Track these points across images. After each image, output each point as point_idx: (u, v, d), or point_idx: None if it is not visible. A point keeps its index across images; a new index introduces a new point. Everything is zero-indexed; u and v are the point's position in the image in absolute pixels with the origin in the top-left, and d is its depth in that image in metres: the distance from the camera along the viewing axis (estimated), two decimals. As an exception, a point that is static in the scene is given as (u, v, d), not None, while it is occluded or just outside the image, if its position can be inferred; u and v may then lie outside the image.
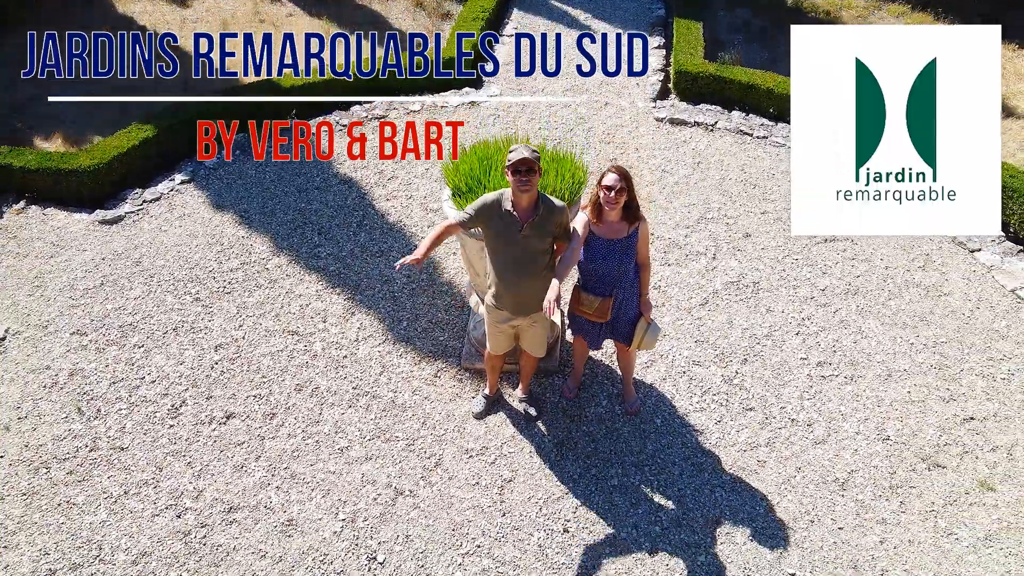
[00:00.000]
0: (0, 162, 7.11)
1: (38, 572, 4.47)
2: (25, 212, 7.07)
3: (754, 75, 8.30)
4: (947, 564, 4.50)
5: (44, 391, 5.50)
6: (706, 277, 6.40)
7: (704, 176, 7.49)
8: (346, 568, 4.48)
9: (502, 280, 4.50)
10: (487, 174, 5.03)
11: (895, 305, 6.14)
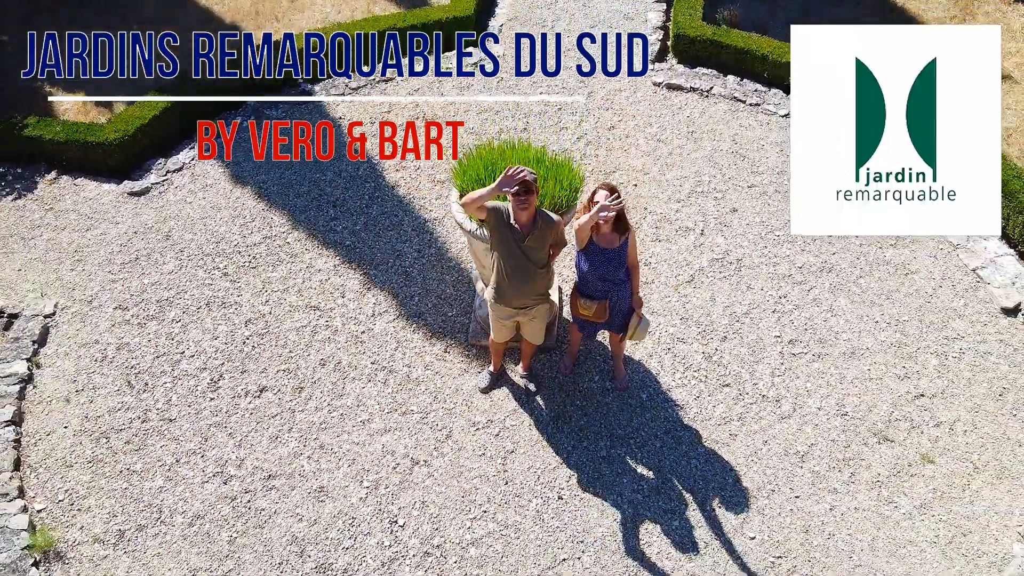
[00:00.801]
0: (30, 134, 7.49)
1: (109, 532, 5.25)
2: (57, 182, 7.53)
3: (750, 40, 8.55)
4: (885, 529, 5.27)
5: (96, 364, 6.15)
6: (693, 254, 6.94)
7: (697, 146, 7.90)
8: (372, 530, 5.25)
9: (505, 281, 5.07)
10: (492, 178, 5.49)
11: (865, 283, 6.71)
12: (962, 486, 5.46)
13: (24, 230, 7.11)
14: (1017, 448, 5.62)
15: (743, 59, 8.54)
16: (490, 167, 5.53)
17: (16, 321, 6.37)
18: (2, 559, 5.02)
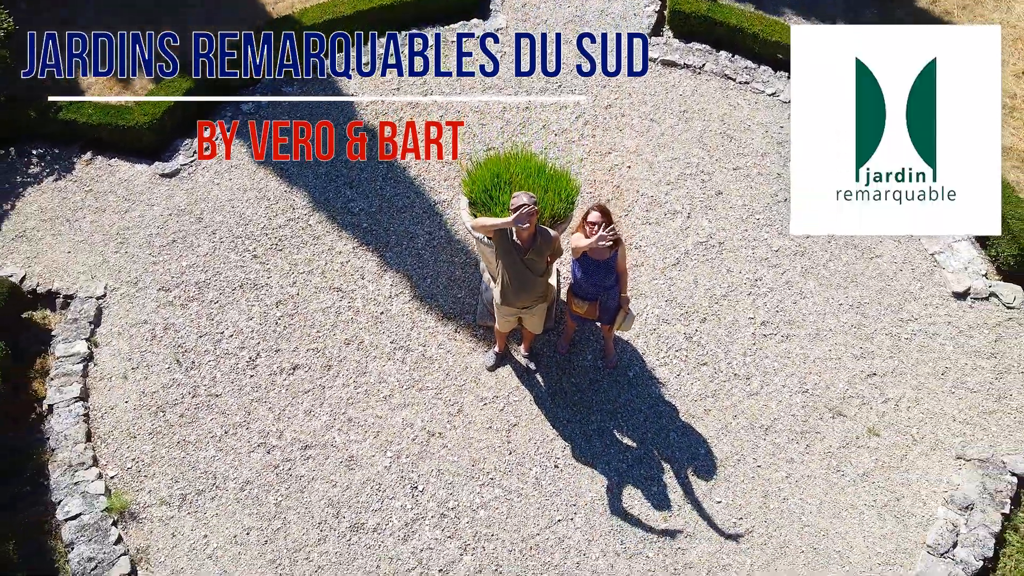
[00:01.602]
0: (64, 117, 8.04)
1: (173, 496, 6.19)
2: (92, 162, 8.12)
3: (743, 17, 8.93)
4: (831, 494, 6.21)
5: (146, 344, 6.95)
6: (680, 237, 7.64)
7: (688, 127, 8.46)
8: (396, 495, 6.19)
9: (508, 287, 5.82)
10: (498, 188, 6.15)
11: (833, 266, 7.44)
12: (900, 456, 6.37)
13: (68, 212, 7.76)
14: (951, 423, 6.50)
15: (736, 36, 8.95)
16: (495, 178, 6.15)
17: (72, 303, 7.13)
18: (87, 520, 5.96)
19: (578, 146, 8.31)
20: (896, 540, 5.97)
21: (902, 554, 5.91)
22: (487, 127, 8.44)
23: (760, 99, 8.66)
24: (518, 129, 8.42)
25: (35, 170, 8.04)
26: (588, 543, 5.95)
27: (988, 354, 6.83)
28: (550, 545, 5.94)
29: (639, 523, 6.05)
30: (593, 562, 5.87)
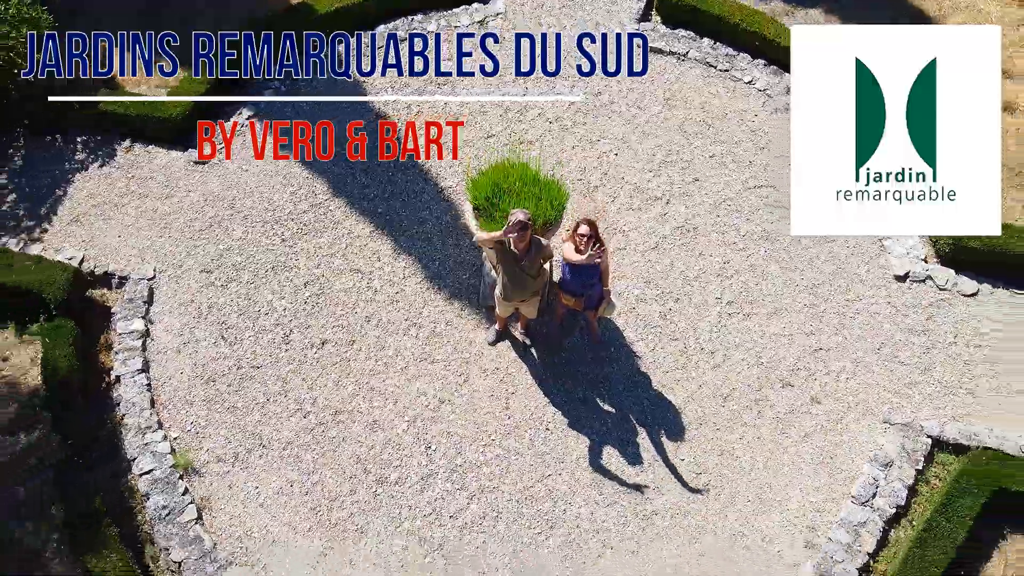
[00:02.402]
0: (105, 108, 8.88)
1: (227, 454, 7.42)
2: (132, 150, 9.01)
3: (724, 7, 9.62)
4: (776, 453, 7.45)
5: (194, 321, 8.05)
6: (659, 222, 8.63)
7: (671, 114, 9.30)
8: (413, 453, 7.43)
9: (508, 286, 6.89)
10: (499, 196, 7.12)
11: (793, 250, 8.46)
12: (837, 421, 7.57)
13: (115, 197, 8.71)
14: (882, 392, 7.69)
15: (719, 24, 9.66)
16: (495, 187, 7.12)
17: (126, 283, 8.18)
18: (158, 474, 7.22)
19: (570, 133, 9.18)
20: (827, 491, 7.24)
21: (830, 503, 7.19)
22: (488, 114, 9.28)
23: (738, 87, 9.47)
24: (516, 117, 9.26)
25: (80, 156, 8.93)
26: (573, 494, 7.23)
27: (920, 331, 7.94)
28: (541, 496, 7.21)
29: (615, 477, 7.30)
30: (576, 509, 7.15)
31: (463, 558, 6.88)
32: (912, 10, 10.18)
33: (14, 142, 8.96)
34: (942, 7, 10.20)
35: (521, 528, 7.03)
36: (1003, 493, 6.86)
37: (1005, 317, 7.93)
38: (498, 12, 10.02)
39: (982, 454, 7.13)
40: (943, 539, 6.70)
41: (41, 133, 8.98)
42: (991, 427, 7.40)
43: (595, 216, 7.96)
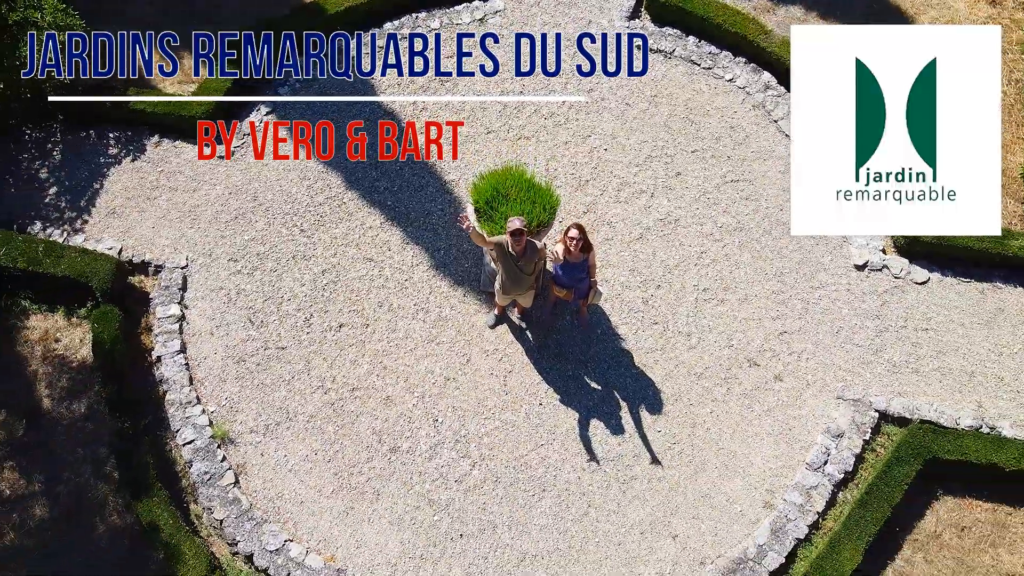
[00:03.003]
0: (135, 107, 9.65)
1: (259, 426, 8.43)
2: (160, 145, 9.81)
3: (708, 7, 10.30)
4: (742, 425, 8.47)
5: (224, 306, 8.99)
6: (643, 214, 9.50)
7: (656, 111, 10.08)
8: (422, 426, 8.44)
9: (506, 283, 7.81)
10: (496, 200, 7.99)
11: (764, 240, 9.35)
12: (796, 397, 8.57)
13: (147, 190, 9.54)
14: (838, 371, 8.67)
15: (703, 24, 10.35)
16: (494, 191, 7.97)
17: (162, 272, 9.08)
18: (199, 444, 8.24)
19: (564, 129, 9.97)
20: (784, 459, 8.29)
21: (787, 469, 8.24)
22: (488, 110, 10.05)
23: (719, 84, 10.22)
24: (514, 113, 10.03)
25: (113, 151, 9.74)
26: (562, 461, 8.27)
27: (874, 315, 8.89)
28: (534, 463, 8.25)
29: (600, 447, 8.34)
30: (566, 475, 8.21)
31: (467, 517, 7.95)
32: (886, 6, 10.83)
33: (51, 137, 9.74)
34: (915, 3, 10.86)
35: (517, 491, 8.08)
36: (935, 461, 7.89)
37: (951, 303, 8.86)
38: (497, 9, 10.68)
39: (920, 426, 8.13)
40: (881, 500, 7.76)
41: (76, 129, 9.72)
42: (932, 402, 8.40)
43: (584, 221, 8.82)
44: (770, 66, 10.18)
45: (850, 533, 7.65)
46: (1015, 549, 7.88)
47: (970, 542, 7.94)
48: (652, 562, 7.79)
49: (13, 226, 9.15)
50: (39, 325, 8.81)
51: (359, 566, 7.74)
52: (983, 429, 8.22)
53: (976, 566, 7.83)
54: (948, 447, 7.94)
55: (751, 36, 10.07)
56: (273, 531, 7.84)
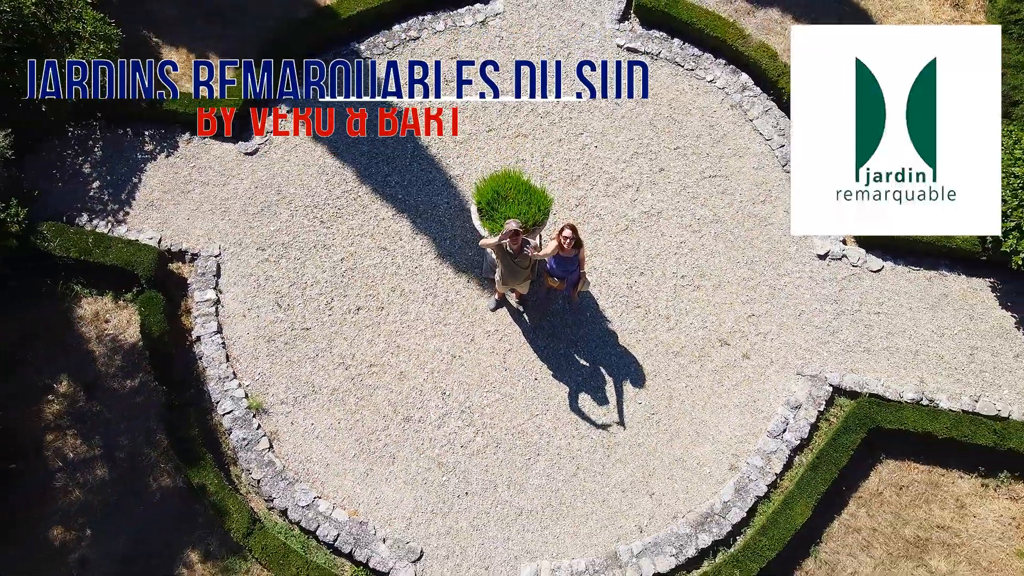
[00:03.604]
0: (169, 108, 10.61)
1: (288, 398, 9.61)
2: (191, 142, 10.80)
3: (692, 13, 11.18)
4: (712, 398, 9.65)
5: (254, 291, 10.10)
6: (629, 207, 10.55)
7: (643, 110, 11.04)
8: (431, 398, 9.62)
9: (505, 275, 8.91)
10: (497, 201, 9.03)
11: (737, 231, 10.42)
12: (761, 373, 9.75)
13: (181, 184, 10.56)
14: (798, 350, 9.83)
15: (686, 28, 11.24)
16: (495, 193, 9.01)
17: (198, 259, 10.16)
18: (237, 414, 9.44)
19: (558, 127, 10.95)
20: (748, 427, 9.49)
21: (750, 436, 9.46)
22: (488, 109, 11.02)
23: (701, 85, 11.17)
24: (512, 112, 11.00)
25: (149, 147, 10.73)
26: (554, 429, 9.48)
27: (832, 300, 10.02)
28: (530, 430, 9.46)
29: (588, 417, 9.54)
30: (557, 441, 9.42)
31: (471, 477, 9.19)
32: (856, 8, 11.71)
33: (92, 135, 10.72)
34: (884, 5, 11.74)
35: (515, 455, 9.31)
36: (878, 430, 9.11)
37: (901, 289, 9.98)
38: (497, 12, 11.54)
39: (868, 399, 9.32)
40: (830, 464, 8.99)
41: (114, 127, 10.70)
42: (879, 378, 9.58)
43: (575, 213, 9.87)
44: (747, 68, 11.08)
45: (802, 492, 8.89)
46: (945, 505, 9.15)
47: (907, 499, 9.19)
48: (632, 516, 9.05)
49: (63, 218, 10.17)
50: (90, 308, 9.92)
51: (379, 519, 9.00)
52: (923, 402, 9.40)
53: (911, 519, 9.10)
54: (890, 418, 9.14)
55: (730, 40, 10.97)
56: (304, 489, 9.08)
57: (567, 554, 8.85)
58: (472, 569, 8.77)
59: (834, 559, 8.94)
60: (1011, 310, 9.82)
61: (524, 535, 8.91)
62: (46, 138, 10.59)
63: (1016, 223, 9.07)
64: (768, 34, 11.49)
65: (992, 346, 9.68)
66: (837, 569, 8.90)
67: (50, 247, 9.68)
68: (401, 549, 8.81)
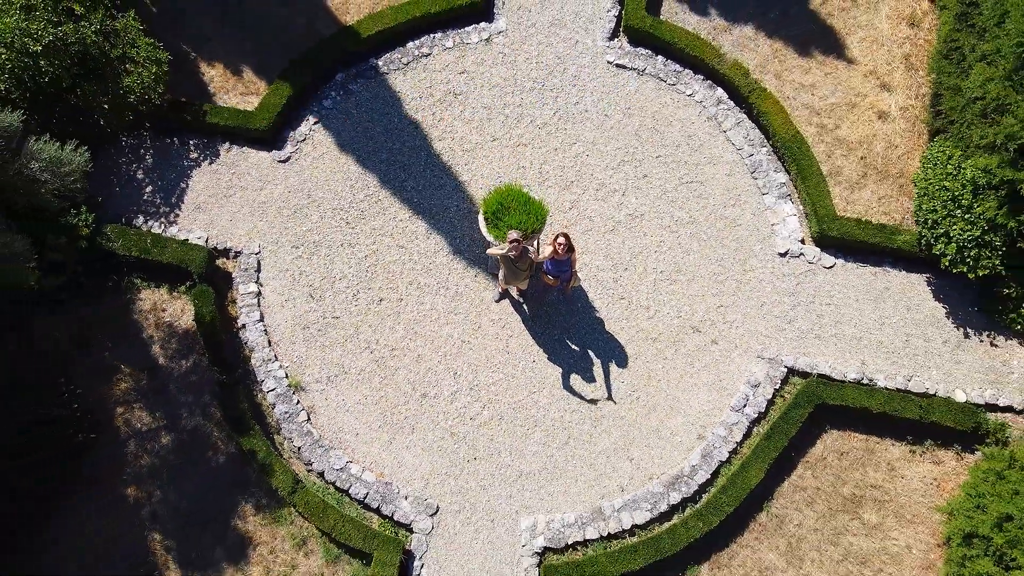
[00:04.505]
0: (211, 120, 12.07)
1: (321, 377, 11.27)
2: (231, 150, 12.28)
3: (674, 33, 12.54)
4: (684, 377, 11.31)
5: (291, 284, 11.69)
6: (616, 209, 12.08)
7: (629, 121, 12.50)
8: (444, 378, 11.28)
9: (507, 274, 10.50)
10: (501, 211, 10.57)
11: (710, 231, 11.97)
12: (727, 356, 11.41)
13: (223, 189, 12.07)
14: (759, 336, 11.46)
15: (668, 48, 12.63)
16: (497, 204, 10.54)
17: (240, 256, 11.73)
18: (279, 391, 11.11)
19: (554, 137, 12.41)
20: (714, 403, 11.18)
21: (716, 410, 11.15)
22: (493, 120, 12.47)
23: (681, 99, 12.60)
24: (514, 123, 12.46)
25: (193, 155, 12.21)
26: (550, 404, 11.17)
27: (790, 293, 11.62)
28: (528, 405, 11.15)
29: (578, 393, 11.21)
30: (552, 415, 11.12)
31: (479, 445, 10.91)
32: (823, 27, 13.07)
33: (142, 144, 12.19)
34: (847, 24, 13.10)
35: (516, 426, 11.01)
36: (823, 406, 10.79)
37: (849, 283, 11.58)
38: (500, 30, 12.90)
39: (816, 379, 10.99)
40: (781, 434, 10.69)
41: (162, 137, 12.17)
42: (828, 361, 11.23)
43: (568, 216, 11.41)
44: (723, 83, 12.49)
45: (757, 457, 10.61)
46: (878, 468, 10.89)
47: (846, 463, 10.93)
48: (614, 478, 10.79)
49: (122, 220, 11.70)
50: (149, 298, 11.52)
51: (401, 480, 10.74)
52: (864, 381, 11.07)
53: (849, 480, 10.85)
54: (833, 395, 10.81)
55: (707, 59, 12.36)
56: (337, 455, 10.80)
57: (559, 509, 10.61)
58: (480, 521, 10.54)
59: (783, 513, 10.71)
60: (943, 302, 11.44)
61: (523, 493, 10.66)
62: (103, 148, 12.03)
63: (944, 230, 10.64)
64: (743, 50, 12.87)
65: (925, 333, 11.32)
66: (785, 521, 10.67)
67: (114, 247, 11.21)
68: (420, 505, 10.57)
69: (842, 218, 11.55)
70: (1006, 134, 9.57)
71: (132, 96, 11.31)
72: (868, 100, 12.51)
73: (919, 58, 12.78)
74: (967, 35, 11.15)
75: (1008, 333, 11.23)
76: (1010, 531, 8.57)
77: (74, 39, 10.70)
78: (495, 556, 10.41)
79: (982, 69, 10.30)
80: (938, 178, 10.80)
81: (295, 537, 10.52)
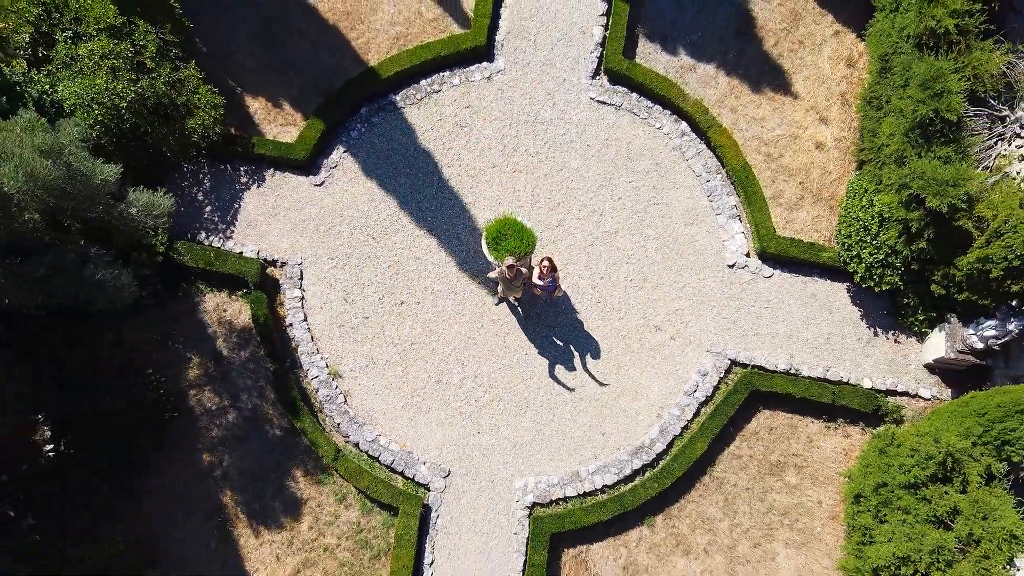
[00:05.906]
0: (258, 151, 14.52)
1: (355, 367, 14.01)
2: (275, 176, 14.76)
3: (646, 76, 14.87)
4: (648, 367, 14.05)
5: (328, 289, 14.32)
6: (595, 227, 14.63)
7: (607, 150, 14.94)
8: (454, 368, 14.00)
9: (505, 288, 13.16)
10: (500, 237, 13.15)
11: (672, 246, 14.55)
12: (682, 350, 14.12)
13: (270, 209, 14.57)
14: (710, 333, 14.14)
15: (641, 87, 15.00)
16: (497, 232, 13.11)
17: (286, 266, 14.34)
18: (321, 379, 13.86)
19: (544, 164, 14.89)
20: (671, 388, 13.94)
21: (672, 394, 13.93)
22: (491, 149, 14.93)
23: (651, 131, 15.03)
24: (511, 151, 14.91)
25: (244, 180, 14.69)
26: (539, 389, 13.92)
27: (736, 298, 14.29)
28: (522, 390, 13.91)
29: (562, 380, 13.96)
30: (541, 397, 13.89)
31: (482, 422, 13.72)
32: (773, 66, 15.40)
33: (201, 170, 14.65)
34: (793, 64, 15.43)
35: (511, 406, 13.81)
36: (756, 392, 13.58)
37: (784, 290, 14.24)
38: (499, 69, 15.21)
39: (752, 370, 13.75)
40: (721, 414, 13.48)
41: (216, 164, 14.63)
42: (764, 354, 13.97)
43: (555, 234, 13.97)
44: (686, 118, 14.90)
45: (702, 432, 13.43)
46: (799, 440, 13.73)
47: (775, 436, 13.77)
48: (589, 448, 13.64)
49: (187, 235, 14.25)
50: (211, 301, 14.15)
51: (419, 449, 13.58)
52: (791, 371, 13.82)
53: (776, 449, 13.71)
54: (765, 382, 13.57)
55: (672, 97, 14.73)
56: (369, 429, 13.61)
57: (546, 472, 13.48)
58: (482, 482, 13.42)
59: (723, 476, 13.60)
60: (858, 307, 14.12)
61: (517, 460, 13.52)
62: (168, 174, 14.50)
63: (857, 252, 13.25)
64: (705, 87, 15.23)
65: (842, 332, 14.03)
66: (724, 482, 13.57)
67: (184, 260, 13.79)
68: (435, 469, 13.44)
69: (780, 237, 14.12)
70: (900, 183, 12.09)
71: (195, 136, 13.71)
72: (808, 132, 14.94)
73: (853, 95, 15.13)
74: (885, 87, 13.53)
75: (908, 333, 13.95)
76: (883, 494, 11.43)
77: (149, 93, 13.06)
78: (494, 509, 13.31)
79: (890, 122, 12.73)
80: (855, 208, 13.34)
81: (337, 494, 13.39)
